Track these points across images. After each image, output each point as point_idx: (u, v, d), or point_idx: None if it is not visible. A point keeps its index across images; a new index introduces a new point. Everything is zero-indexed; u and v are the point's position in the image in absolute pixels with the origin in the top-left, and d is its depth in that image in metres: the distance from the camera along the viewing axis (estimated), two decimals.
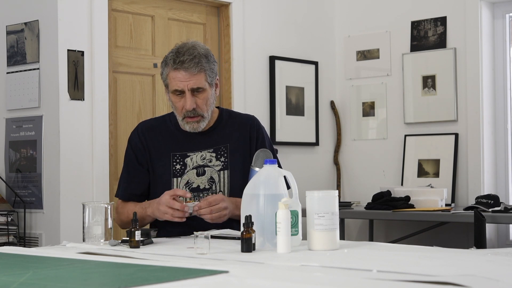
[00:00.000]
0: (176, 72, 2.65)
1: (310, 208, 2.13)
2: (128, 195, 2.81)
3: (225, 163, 2.75)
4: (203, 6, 4.79)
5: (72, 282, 1.60)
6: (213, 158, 2.75)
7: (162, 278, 1.59)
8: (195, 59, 2.64)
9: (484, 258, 1.92)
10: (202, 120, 2.71)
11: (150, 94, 4.47)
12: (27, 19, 4.05)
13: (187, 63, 2.63)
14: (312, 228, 2.12)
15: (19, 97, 4.06)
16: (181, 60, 2.64)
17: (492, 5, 4.91)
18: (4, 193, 4.08)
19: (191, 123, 2.71)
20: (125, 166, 2.85)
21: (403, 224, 5.03)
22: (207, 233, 2.05)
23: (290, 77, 5.18)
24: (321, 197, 2.13)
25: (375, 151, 5.29)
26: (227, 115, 2.86)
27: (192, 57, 2.64)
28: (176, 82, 2.66)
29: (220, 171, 2.75)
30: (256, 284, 1.54)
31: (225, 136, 2.79)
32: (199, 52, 2.67)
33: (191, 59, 2.64)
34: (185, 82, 2.65)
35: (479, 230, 3.92)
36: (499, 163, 4.92)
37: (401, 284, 1.50)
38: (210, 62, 2.69)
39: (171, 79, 2.68)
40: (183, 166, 2.74)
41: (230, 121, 2.84)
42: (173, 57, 2.66)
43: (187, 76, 2.64)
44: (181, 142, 2.77)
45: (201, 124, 2.72)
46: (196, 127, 2.71)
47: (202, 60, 2.66)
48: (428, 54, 5.03)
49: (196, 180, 2.74)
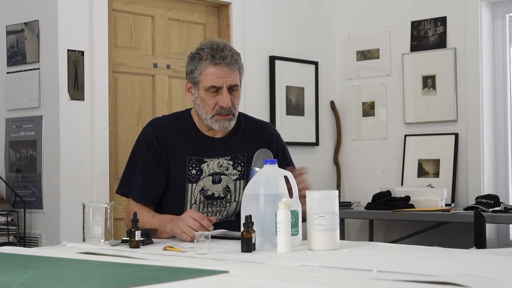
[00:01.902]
0: (216, 67, 2.57)
1: (310, 208, 2.13)
2: (147, 198, 2.67)
3: (242, 172, 2.69)
4: (203, 6, 4.79)
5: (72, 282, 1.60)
6: (230, 166, 2.68)
7: (162, 278, 1.59)
8: (234, 56, 2.59)
9: (484, 258, 1.92)
10: (233, 119, 2.64)
11: (150, 94, 4.47)
12: (27, 19, 4.05)
13: (228, 58, 2.57)
14: (312, 228, 2.12)
15: (19, 97, 4.06)
16: (222, 56, 2.57)
17: (492, 5, 4.91)
18: (4, 193, 4.08)
19: (222, 121, 2.61)
20: (137, 166, 2.68)
21: (403, 224, 5.03)
22: (207, 233, 2.05)
23: (290, 77, 5.18)
24: (321, 197, 2.13)
25: (375, 151, 5.29)
26: (244, 120, 2.78)
27: (231, 53, 2.59)
28: (214, 78, 2.58)
29: (236, 180, 2.68)
30: (256, 284, 1.54)
31: (243, 143, 2.71)
32: (234, 49, 2.63)
33: (231, 55, 2.58)
34: (224, 79, 2.58)
35: (479, 230, 3.92)
36: (499, 163, 4.92)
37: (401, 284, 1.50)
38: (241, 61, 2.65)
39: (208, 75, 2.58)
40: (199, 171, 2.65)
41: (248, 127, 2.76)
42: (211, 53, 2.58)
43: (228, 73, 2.58)
44: (198, 146, 2.67)
45: (231, 123, 2.63)
46: (226, 125, 2.62)
47: (239, 59, 2.62)
48: (428, 54, 5.03)
49: (211, 187, 2.66)
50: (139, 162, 2.69)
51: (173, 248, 2.14)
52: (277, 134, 2.83)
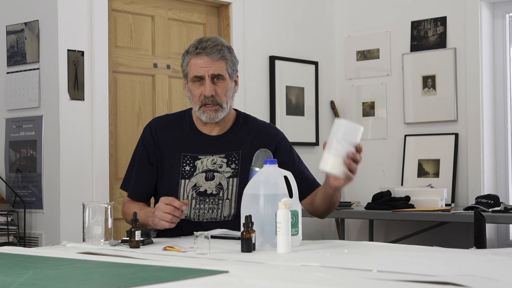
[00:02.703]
0: (197, 57, 2.63)
1: (334, 132, 2.30)
2: (136, 194, 2.78)
3: (235, 170, 2.69)
4: (203, 6, 4.79)
5: (72, 282, 1.60)
6: (224, 163, 2.69)
7: (162, 278, 1.59)
8: (217, 46, 2.63)
9: (484, 258, 1.92)
10: (220, 110, 2.65)
11: (150, 94, 4.47)
12: (27, 19, 4.05)
13: (209, 48, 2.61)
14: (329, 150, 2.28)
15: (19, 97, 4.06)
16: (203, 46, 2.62)
17: (492, 5, 4.91)
18: (4, 193, 4.08)
19: (208, 112, 2.64)
20: (135, 163, 2.80)
21: (403, 224, 5.03)
22: (207, 233, 2.05)
23: (290, 77, 5.18)
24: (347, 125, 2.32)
25: (375, 151, 5.29)
26: (244, 119, 2.80)
27: (215, 44, 2.63)
28: (197, 67, 2.62)
29: (229, 178, 2.69)
30: (256, 284, 1.54)
31: (239, 142, 2.73)
32: (222, 42, 2.67)
33: (214, 45, 2.62)
34: (206, 68, 2.62)
35: (479, 230, 3.92)
36: (499, 163, 4.92)
37: (401, 284, 1.50)
38: (232, 55, 2.68)
39: (192, 66, 2.64)
40: (193, 168, 2.68)
41: (246, 126, 2.77)
42: (195, 45, 2.64)
43: (209, 62, 2.61)
44: (193, 143, 2.72)
45: (218, 114, 2.65)
46: (213, 116, 2.64)
47: (224, 50, 2.64)
48: (428, 54, 5.03)
49: (204, 184, 2.68)
50: (135, 159, 2.81)
51: (173, 248, 2.14)
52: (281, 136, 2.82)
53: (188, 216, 2.68)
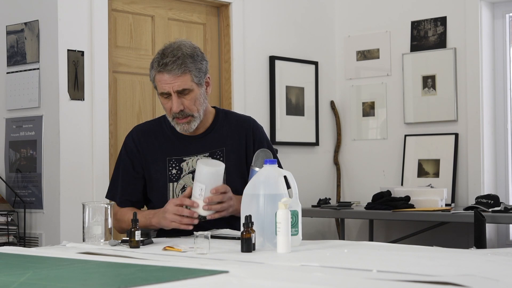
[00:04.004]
0: (160, 75, 2.62)
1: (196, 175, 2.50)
2: (124, 201, 2.77)
3: None
4: (203, 6, 4.79)
5: (72, 282, 1.60)
6: None
7: (162, 278, 1.59)
8: (178, 61, 2.59)
9: (484, 258, 1.92)
10: (193, 120, 2.67)
11: (150, 94, 4.47)
12: (27, 19, 4.05)
13: (170, 65, 2.59)
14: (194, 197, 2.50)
15: (19, 97, 4.06)
16: (164, 63, 2.60)
17: (492, 5, 4.91)
18: (4, 193, 4.08)
19: (181, 124, 2.67)
20: (119, 171, 2.80)
21: (403, 224, 5.03)
22: (207, 233, 2.05)
23: (290, 77, 5.18)
24: (208, 171, 2.49)
25: (375, 151, 5.29)
26: (223, 115, 2.82)
27: (175, 58, 2.60)
28: (162, 84, 2.63)
29: None
30: (256, 284, 1.54)
31: (221, 139, 2.75)
32: (184, 52, 2.62)
33: (174, 61, 2.59)
34: (170, 85, 2.61)
35: (479, 230, 3.92)
36: (499, 163, 4.92)
37: (401, 284, 1.50)
38: (196, 61, 2.64)
39: (157, 82, 2.65)
40: (179, 170, 2.71)
41: (226, 122, 2.80)
42: (158, 60, 2.63)
43: (171, 79, 2.61)
44: (177, 146, 2.74)
45: (191, 124, 2.67)
46: (186, 128, 2.67)
47: (187, 61, 2.61)
48: (428, 54, 5.03)
49: (192, 184, 2.68)
50: (120, 168, 2.81)
51: (173, 248, 2.14)
52: (256, 125, 2.84)
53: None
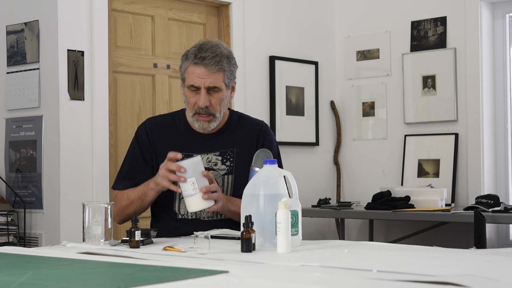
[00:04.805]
0: (195, 67, 2.62)
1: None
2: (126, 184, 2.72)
3: (230, 167, 2.72)
4: (203, 6, 4.79)
5: (72, 282, 1.60)
6: (219, 161, 2.72)
7: (162, 278, 1.59)
8: (216, 57, 2.61)
9: (484, 258, 1.92)
10: (213, 120, 2.68)
11: (150, 94, 4.47)
12: (27, 19, 4.05)
13: (208, 60, 2.60)
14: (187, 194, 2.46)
15: (19, 97, 4.06)
16: (202, 56, 2.61)
17: (492, 5, 4.91)
18: (4, 193, 4.08)
19: (201, 121, 2.67)
20: (129, 159, 2.78)
21: (403, 224, 5.03)
22: (207, 233, 2.05)
23: (290, 77, 5.18)
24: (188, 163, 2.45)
25: (375, 151, 5.29)
26: (237, 117, 2.82)
27: (214, 55, 2.61)
28: (194, 77, 2.63)
29: (224, 175, 2.71)
30: (256, 284, 1.54)
31: (233, 140, 2.75)
32: (222, 51, 2.64)
33: (213, 57, 2.61)
34: (203, 79, 2.62)
35: (479, 230, 3.92)
36: (499, 163, 4.91)
37: (401, 284, 1.50)
38: (231, 64, 2.67)
39: (189, 74, 2.64)
40: None
41: (239, 124, 2.80)
42: (195, 52, 2.63)
43: (205, 73, 2.61)
44: (188, 143, 2.73)
45: (211, 124, 2.68)
46: (206, 126, 2.68)
47: (223, 60, 2.63)
48: (428, 54, 5.03)
49: None
50: (129, 157, 2.80)
51: (173, 248, 2.14)
52: (268, 130, 2.83)
53: (185, 215, 2.69)
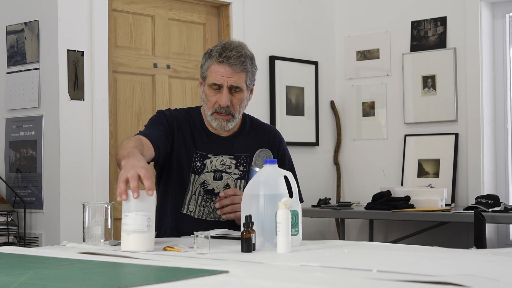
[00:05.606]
0: (219, 65, 2.62)
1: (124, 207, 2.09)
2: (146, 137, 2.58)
3: (243, 172, 2.72)
4: (203, 6, 4.79)
5: (72, 282, 1.60)
6: (233, 165, 2.72)
7: (162, 278, 1.59)
8: (241, 58, 2.63)
9: (484, 258, 1.92)
10: (232, 120, 2.67)
11: (150, 94, 4.47)
12: (27, 19, 4.05)
13: (233, 59, 2.61)
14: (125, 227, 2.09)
15: (19, 97, 4.06)
16: (227, 55, 2.61)
17: (492, 5, 4.91)
18: (4, 193, 4.08)
19: (220, 120, 2.66)
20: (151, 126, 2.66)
21: (403, 224, 5.03)
22: (207, 233, 2.05)
23: (290, 77, 5.18)
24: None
25: (375, 151, 5.29)
26: (250, 122, 2.83)
27: (239, 55, 2.63)
28: (217, 76, 2.63)
29: (237, 179, 2.71)
30: (256, 284, 1.54)
31: (248, 145, 2.75)
32: (246, 52, 2.67)
33: (238, 56, 2.62)
34: (226, 78, 2.62)
35: (479, 230, 3.92)
36: (499, 163, 4.92)
37: (401, 284, 1.50)
38: (253, 65, 2.70)
39: (212, 72, 2.64)
40: (202, 165, 2.70)
41: (253, 129, 2.81)
42: (219, 51, 2.63)
43: (229, 72, 2.62)
44: (204, 142, 2.72)
45: (229, 123, 2.67)
46: (224, 125, 2.67)
47: (247, 61, 2.65)
48: (428, 54, 5.03)
49: (212, 183, 2.70)
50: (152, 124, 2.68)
51: (173, 248, 2.14)
52: (281, 138, 2.87)
53: (192, 213, 2.69)
